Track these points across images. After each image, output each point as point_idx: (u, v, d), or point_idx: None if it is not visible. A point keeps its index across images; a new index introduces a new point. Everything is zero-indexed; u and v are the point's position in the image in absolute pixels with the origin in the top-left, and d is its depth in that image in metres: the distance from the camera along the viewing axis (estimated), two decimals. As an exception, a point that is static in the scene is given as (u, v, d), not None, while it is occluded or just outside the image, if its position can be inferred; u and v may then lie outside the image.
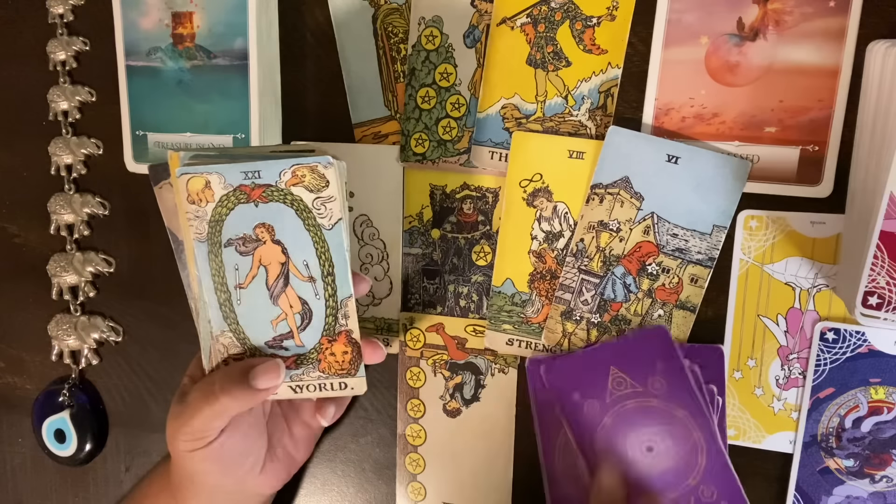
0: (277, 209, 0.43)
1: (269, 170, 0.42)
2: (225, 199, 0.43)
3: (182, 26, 0.57)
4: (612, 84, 0.53)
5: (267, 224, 0.44)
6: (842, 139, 0.49)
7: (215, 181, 0.42)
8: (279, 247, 0.44)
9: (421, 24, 0.54)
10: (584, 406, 0.53)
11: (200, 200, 0.43)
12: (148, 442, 0.65)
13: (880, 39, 0.47)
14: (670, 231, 0.52)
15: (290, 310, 0.46)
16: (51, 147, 0.63)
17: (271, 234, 0.44)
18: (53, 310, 0.65)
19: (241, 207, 0.43)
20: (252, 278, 0.45)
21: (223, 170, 0.42)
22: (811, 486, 0.52)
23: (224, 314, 0.46)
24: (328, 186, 0.42)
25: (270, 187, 0.42)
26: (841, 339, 0.51)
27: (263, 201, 0.43)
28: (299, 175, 0.42)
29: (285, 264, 0.44)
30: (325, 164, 0.42)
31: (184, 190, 0.42)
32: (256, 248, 0.44)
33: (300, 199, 0.43)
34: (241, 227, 0.44)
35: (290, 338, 0.46)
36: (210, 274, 0.45)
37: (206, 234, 0.44)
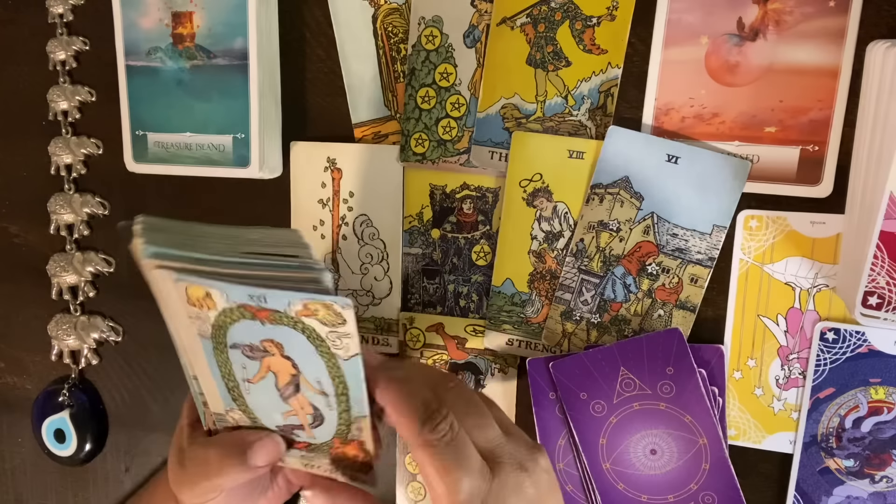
0: (286, 331, 0.38)
1: (276, 299, 0.37)
2: (229, 312, 0.38)
3: (182, 26, 0.57)
4: (612, 84, 0.53)
5: (275, 341, 0.39)
6: (842, 139, 0.49)
7: (217, 295, 0.37)
8: (289, 361, 0.40)
9: (421, 24, 0.54)
10: (590, 406, 0.53)
11: (202, 306, 0.38)
12: (148, 442, 0.65)
13: (880, 39, 0.47)
14: (670, 231, 0.52)
15: (302, 410, 0.42)
16: (51, 147, 0.63)
17: (280, 350, 0.40)
18: (53, 310, 0.65)
19: (246, 322, 0.39)
20: (260, 379, 0.41)
21: (225, 288, 0.37)
22: (811, 486, 0.52)
23: (233, 397, 0.42)
24: (345, 324, 0.37)
25: (278, 313, 0.38)
26: (841, 339, 0.51)
27: (271, 323, 0.38)
28: (312, 309, 0.37)
29: (296, 376, 0.41)
30: (342, 305, 0.37)
31: (182, 295, 0.38)
32: (264, 357, 0.40)
33: (312, 328, 0.38)
34: (247, 338, 0.39)
35: (301, 429, 0.43)
36: (217, 366, 0.41)
37: (209, 334, 0.39)
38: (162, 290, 0.39)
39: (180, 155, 0.59)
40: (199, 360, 0.41)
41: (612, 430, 0.53)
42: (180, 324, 0.41)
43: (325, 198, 0.58)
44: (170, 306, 0.40)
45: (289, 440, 0.44)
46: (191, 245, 0.40)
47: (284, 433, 0.44)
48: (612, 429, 0.53)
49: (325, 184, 0.58)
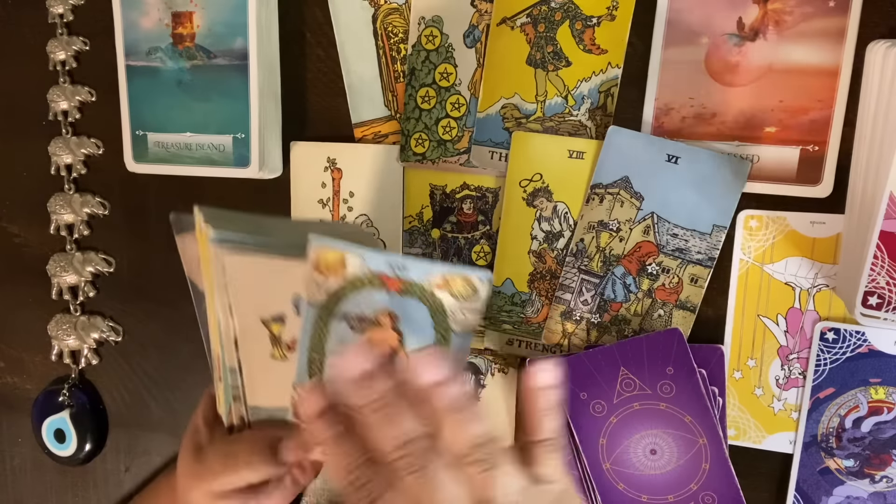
0: (411, 303, 0.39)
1: (419, 270, 0.38)
2: (357, 281, 0.39)
3: (182, 26, 0.57)
4: (612, 84, 0.53)
5: (393, 312, 0.40)
6: (842, 139, 0.49)
7: (353, 262, 0.38)
8: (396, 334, 0.40)
9: (421, 24, 0.54)
10: (590, 406, 0.53)
11: (328, 273, 0.39)
12: (148, 442, 0.65)
13: (880, 39, 0.47)
14: (670, 231, 0.52)
15: None
16: (51, 147, 0.63)
17: (393, 322, 0.40)
18: (53, 310, 0.65)
19: (370, 291, 0.39)
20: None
21: (366, 254, 0.38)
22: (811, 486, 0.52)
23: (311, 372, 0.42)
24: (476, 298, 0.39)
25: (413, 284, 0.39)
26: (841, 339, 0.51)
27: (399, 293, 0.39)
28: (449, 280, 0.39)
29: (395, 351, 0.41)
30: (481, 279, 0.38)
31: (312, 258, 0.38)
32: (370, 330, 0.40)
33: (440, 301, 0.39)
34: (363, 307, 0.40)
35: None
36: (310, 335, 0.41)
37: (321, 301, 0.40)
38: (232, 273, 0.40)
39: (180, 155, 0.59)
40: (258, 341, 0.41)
41: (613, 430, 0.53)
42: (247, 305, 0.41)
43: (325, 198, 0.58)
44: (236, 288, 0.41)
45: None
46: (258, 232, 0.40)
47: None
48: (612, 429, 0.53)
49: (325, 184, 0.58)
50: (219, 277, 0.41)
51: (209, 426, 0.48)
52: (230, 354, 0.43)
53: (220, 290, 0.41)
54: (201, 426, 0.48)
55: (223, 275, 0.41)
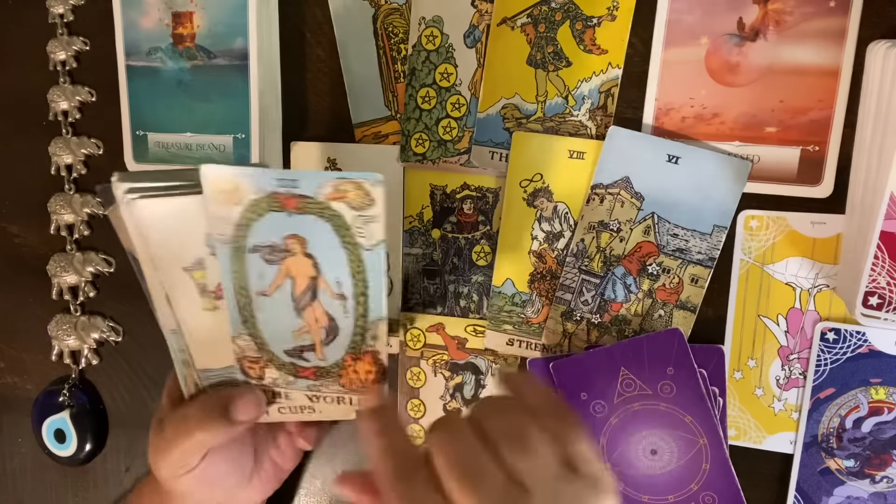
0: (312, 222, 0.39)
1: (308, 181, 0.38)
2: (255, 205, 0.39)
3: (182, 26, 0.57)
4: (613, 84, 0.53)
5: (299, 236, 0.40)
6: (842, 139, 0.49)
7: (244, 185, 0.38)
8: (310, 260, 0.41)
9: (421, 24, 0.54)
10: (590, 406, 0.53)
11: (227, 202, 0.39)
12: (148, 442, 0.65)
13: (880, 39, 0.47)
14: (670, 231, 0.52)
15: (315, 324, 0.43)
16: (51, 147, 0.63)
17: (303, 247, 0.40)
18: (53, 310, 0.65)
19: (272, 215, 0.39)
20: (277, 287, 0.42)
21: (254, 174, 0.38)
22: (812, 486, 0.52)
23: (243, 318, 0.43)
24: (374, 205, 0.38)
25: (307, 199, 0.39)
26: (841, 339, 0.51)
27: (298, 212, 0.39)
28: (342, 190, 0.38)
29: (315, 279, 0.41)
30: (372, 182, 0.38)
31: (208, 189, 0.39)
32: (284, 259, 0.41)
33: (340, 215, 0.39)
34: (269, 235, 0.40)
35: (311, 350, 0.43)
36: (231, 277, 0.41)
37: (229, 237, 0.40)
38: (146, 222, 0.40)
39: (181, 155, 0.59)
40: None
41: (613, 430, 0.53)
42: (169, 256, 0.41)
43: (271, 167, 0.58)
44: (154, 238, 0.41)
45: (295, 370, 0.44)
46: (163, 179, 0.41)
47: (293, 357, 0.44)
48: (612, 429, 0.53)
49: (326, 184, 0.58)
50: (138, 232, 0.41)
51: (173, 403, 0.48)
52: (167, 314, 0.44)
53: (142, 245, 0.41)
54: (165, 403, 0.49)
55: (139, 227, 0.41)
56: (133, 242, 0.42)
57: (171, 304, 0.43)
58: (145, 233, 0.41)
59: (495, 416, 0.37)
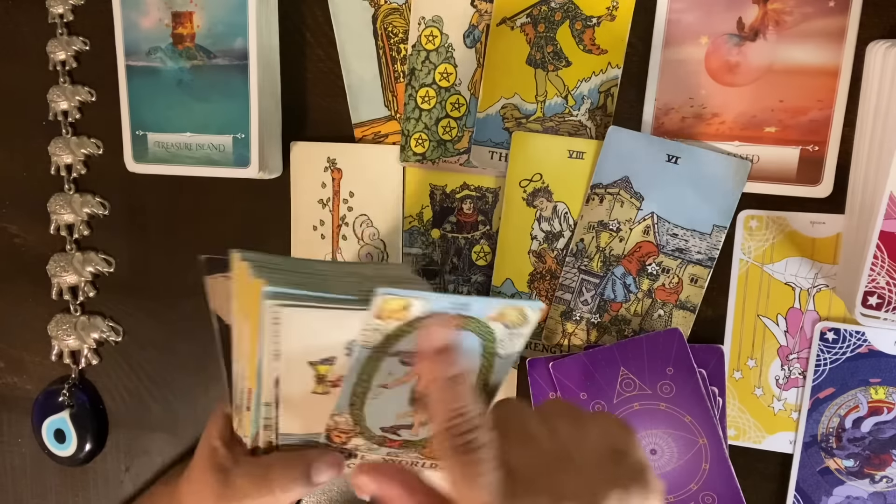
0: (465, 335, 0.39)
1: (479, 306, 0.38)
2: (417, 322, 0.38)
3: (182, 26, 0.57)
4: (612, 84, 0.53)
5: None
6: (842, 139, 0.49)
7: (417, 306, 0.38)
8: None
9: (421, 24, 0.54)
10: (590, 406, 0.53)
11: (389, 318, 0.38)
12: (148, 442, 0.65)
13: (880, 39, 0.47)
14: (670, 231, 0.52)
15: (423, 412, 0.42)
16: (51, 147, 0.63)
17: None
18: (53, 310, 0.65)
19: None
20: (400, 384, 0.41)
21: (431, 297, 0.38)
22: (811, 486, 0.52)
23: (352, 402, 0.42)
24: (526, 325, 0.39)
25: (472, 319, 0.39)
26: (841, 339, 0.51)
27: (456, 329, 0.39)
28: (504, 313, 0.39)
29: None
30: (533, 309, 0.38)
31: (376, 308, 0.38)
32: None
33: (493, 331, 0.39)
34: (416, 345, 0.40)
35: (408, 428, 0.43)
36: (358, 372, 0.41)
37: (375, 344, 0.39)
38: (285, 325, 0.39)
39: (180, 155, 0.59)
40: (301, 381, 0.41)
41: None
42: (296, 351, 0.40)
43: (325, 198, 0.58)
44: (288, 337, 0.40)
45: (383, 441, 0.44)
46: (309, 283, 0.40)
47: (386, 433, 0.43)
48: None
49: (325, 184, 0.58)
50: (268, 326, 0.39)
51: (228, 447, 0.46)
52: (268, 392, 0.42)
53: (268, 337, 0.40)
54: (220, 447, 0.46)
55: (276, 325, 0.40)
56: (241, 319, 0.42)
57: (277, 385, 0.42)
58: (281, 332, 0.40)
59: (556, 404, 0.38)
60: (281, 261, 0.42)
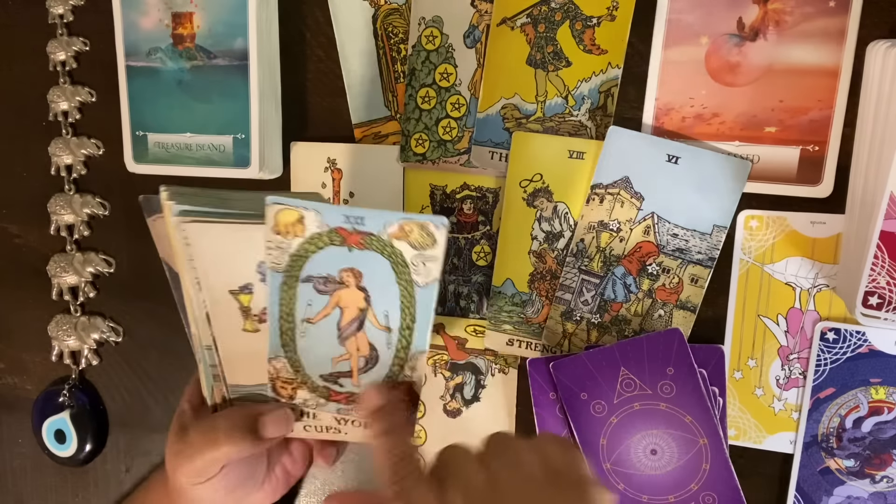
0: (372, 258, 0.40)
1: (374, 219, 0.39)
2: (317, 238, 0.39)
3: (182, 26, 0.57)
4: (612, 84, 0.53)
5: (355, 270, 0.40)
6: (842, 139, 0.49)
7: (310, 218, 0.39)
8: (362, 293, 0.41)
9: (421, 24, 0.54)
10: (590, 406, 0.53)
11: (287, 233, 0.39)
12: (148, 442, 0.65)
13: (880, 39, 0.47)
14: (670, 231, 0.52)
15: (357, 352, 0.43)
16: (51, 147, 0.63)
17: (357, 280, 0.41)
18: (53, 310, 0.65)
19: (332, 248, 0.40)
20: (324, 317, 0.42)
21: (322, 208, 0.39)
22: (812, 486, 0.52)
23: (283, 342, 0.43)
24: (435, 246, 0.39)
25: (371, 236, 0.39)
26: (841, 339, 0.51)
27: (359, 248, 0.40)
28: (406, 230, 0.39)
29: (364, 311, 0.42)
30: (437, 225, 0.39)
31: (270, 219, 0.39)
32: (336, 290, 0.41)
33: (400, 252, 0.40)
34: (325, 268, 0.40)
35: (348, 377, 0.44)
36: (278, 304, 0.42)
37: (284, 266, 0.40)
38: (196, 245, 0.41)
39: (180, 155, 0.59)
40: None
41: (613, 430, 0.53)
42: (215, 277, 0.42)
43: (325, 198, 0.58)
44: (202, 260, 0.41)
45: (327, 393, 0.45)
46: (220, 205, 0.41)
47: (328, 382, 0.44)
48: (612, 429, 0.53)
49: (325, 184, 0.58)
50: (185, 251, 0.41)
51: (195, 409, 0.49)
52: (204, 332, 0.44)
53: (187, 264, 0.42)
54: (187, 409, 0.49)
55: (188, 248, 0.41)
56: (176, 260, 0.42)
57: (209, 322, 0.43)
58: (194, 254, 0.42)
59: (496, 440, 0.40)
60: (197, 190, 0.43)
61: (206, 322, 0.43)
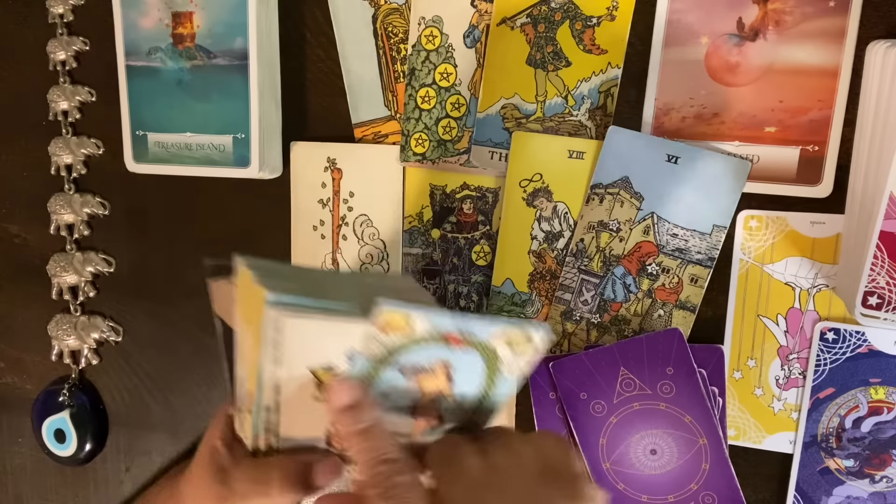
0: (469, 355, 0.39)
1: (482, 328, 0.38)
2: (421, 339, 0.39)
3: (182, 26, 0.57)
4: (612, 84, 0.53)
5: (449, 362, 0.40)
6: (842, 139, 0.49)
7: (420, 321, 0.38)
8: (449, 382, 0.41)
9: (421, 24, 0.54)
10: (590, 406, 0.53)
11: (392, 331, 0.39)
12: (148, 442, 0.65)
13: (880, 39, 0.47)
14: (670, 231, 0.52)
15: (425, 424, 0.42)
16: (51, 147, 0.63)
17: (447, 372, 0.40)
18: (53, 310, 0.65)
19: (433, 345, 0.39)
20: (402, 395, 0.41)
21: (434, 316, 0.38)
22: (811, 486, 0.52)
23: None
24: (532, 351, 0.39)
25: (475, 340, 0.39)
26: (841, 339, 0.51)
27: (460, 347, 0.39)
28: (508, 335, 0.39)
29: (441, 393, 0.41)
30: (537, 332, 0.39)
31: (379, 319, 0.38)
32: (421, 376, 0.40)
33: (496, 352, 0.39)
34: (419, 360, 0.40)
35: (407, 438, 0.43)
36: (359, 377, 0.41)
37: (378, 356, 0.39)
38: (288, 334, 0.39)
39: (180, 155, 0.59)
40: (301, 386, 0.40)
41: (613, 430, 0.53)
42: (298, 359, 0.40)
43: (325, 198, 0.58)
44: (289, 346, 0.40)
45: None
46: (312, 292, 0.40)
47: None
48: (612, 429, 0.53)
49: (325, 184, 0.58)
50: (270, 334, 0.39)
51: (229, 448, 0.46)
52: (268, 397, 0.42)
53: (271, 345, 0.40)
54: (220, 447, 0.46)
55: (277, 333, 0.39)
56: (243, 326, 0.41)
57: (278, 391, 0.42)
58: (281, 340, 0.40)
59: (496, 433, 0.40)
60: (284, 268, 0.42)
61: (273, 391, 0.42)
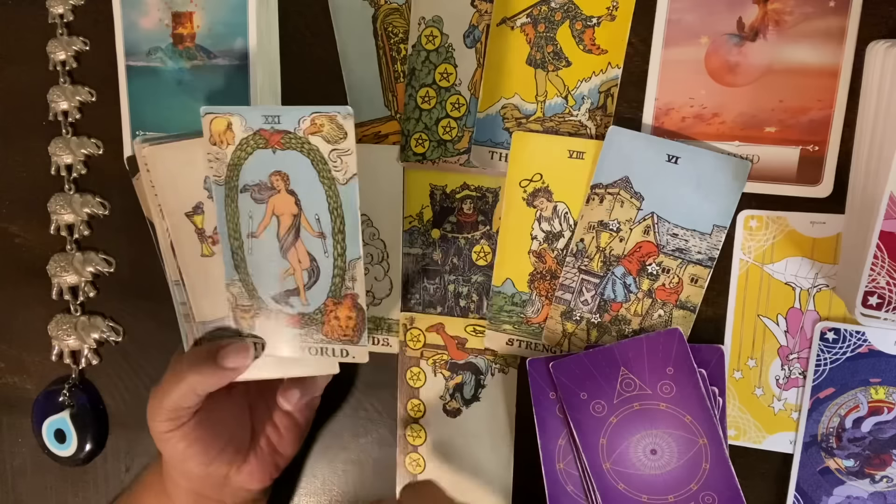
0: (294, 158, 0.44)
1: (289, 116, 0.43)
2: (244, 143, 0.44)
3: (182, 26, 0.57)
4: (612, 84, 0.53)
5: (283, 172, 0.45)
6: (842, 139, 0.49)
7: (237, 123, 0.43)
8: (293, 197, 0.45)
9: (421, 24, 0.54)
10: (590, 406, 0.53)
11: (221, 142, 0.44)
12: (148, 442, 0.65)
13: (880, 39, 0.47)
14: (670, 231, 0.52)
15: (299, 265, 0.46)
16: (51, 147, 0.63)
17: (286, 184, 0.45)
18: (53, 310, 0.65)
19: (259, 153, 0.44)
20: (265, 228, 0.46)
21: (244, 111, 0.43)
22: (811, 486, 0.52)
23: (236, 262, 0.47)
24: (346, 138, 0.43)
25: (289, 134, 0.43)
26: (841, 339, 0.51)
27: (281, 148, 0.44)
28: (318, 124, 0.43)
29: (297, 216, 0.45)
30: (344, 115, 0.43)
31: (206, 130, 0.44)
32: (271, 197, 0.45)
33: (317, 149, 0.44)
34: (257, 174, 0.45)
35: (296, 294, 0.47)
36: (226, 219, 0.46)
37: (224, 178, 0.45)
38: (152, 167, 0.46)
39: (180, 155, 0.59)
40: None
41: (613, 430, 0.53)
42: (172, 201, 0.47)
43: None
44: (160, 184, 0.46)
45: (282, 318, 0.48)
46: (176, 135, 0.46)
47: (280, 304, 0.47)
48: (612, 429, 0.53)
49: (325, 184, 0.58)
50: (146, 178, 0.45)
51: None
52: (171, 266, 0.48)
53: (150, 192, 0.46)
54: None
55: (148, 174, 0.46)
56: (145, 192, 0.46)
57: (174, 253, 0.47)
58: (154, 179, 0.46)
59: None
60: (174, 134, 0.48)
61: (171, 253, 0.47)
